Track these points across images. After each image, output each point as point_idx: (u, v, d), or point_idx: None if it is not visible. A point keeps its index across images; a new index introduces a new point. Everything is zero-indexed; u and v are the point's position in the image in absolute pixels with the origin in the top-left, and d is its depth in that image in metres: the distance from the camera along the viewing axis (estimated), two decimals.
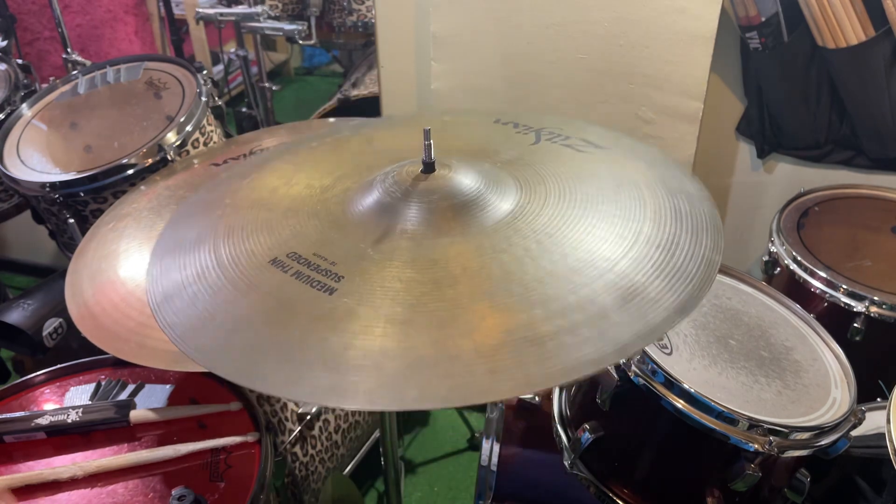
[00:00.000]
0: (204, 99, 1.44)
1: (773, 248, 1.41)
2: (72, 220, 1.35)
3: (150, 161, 1.34)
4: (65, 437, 1.00)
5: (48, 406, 1.07)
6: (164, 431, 1.01)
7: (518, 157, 0.87)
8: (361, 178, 0.84)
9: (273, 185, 0.87)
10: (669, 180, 0.81)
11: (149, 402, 1.06)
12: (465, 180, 0.78)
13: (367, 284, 0.67)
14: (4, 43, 1.92)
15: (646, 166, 0.84)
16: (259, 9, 2.20)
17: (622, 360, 0.91)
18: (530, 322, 0.62)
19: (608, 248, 0.69)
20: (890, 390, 0.96)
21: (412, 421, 1.91)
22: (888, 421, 0.89)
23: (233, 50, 2.48)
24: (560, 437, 1.07)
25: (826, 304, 1.29)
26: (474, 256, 0.69)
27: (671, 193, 0.78)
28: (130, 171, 1.32)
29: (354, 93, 2.28)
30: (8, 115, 1.52)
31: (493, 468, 1.14)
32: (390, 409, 0.59)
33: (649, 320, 0.62)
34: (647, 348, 0.91)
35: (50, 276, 1.54)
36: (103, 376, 1.12)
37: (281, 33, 2.24)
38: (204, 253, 0.77)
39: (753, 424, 0.85)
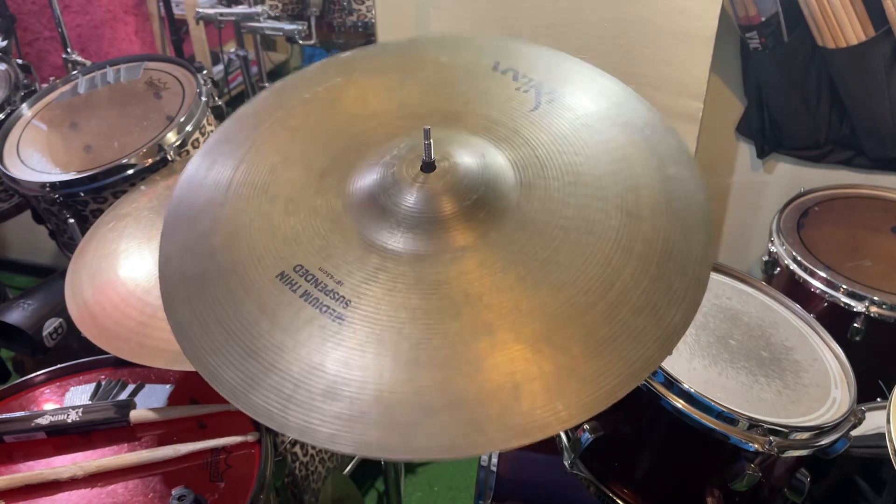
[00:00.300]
0: (204, 99, 1.44)
1: (773, 248, 1.41)
2: (72, 220, 1.35)
3: (150, 161, 1.33)
4: (65, 437, 1.00)
5: (48, 406, 1.07)
6: (164, 431, 1.01)
7: (516, 129, 0.84)
8: (360, 158, 0.82)
9: (271, 162, 0.85)
10: (664, 157, 0.79)
11: (149, 402, 1.06)
12: (466, 181, 0.77)
13: (374, 311, 0.67)
14: (4, 43, 1.92)
15: (644, 144, 0.81)
16: (259, 9, 2.20)
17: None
18: (528, 362, 0.62)
19: (604, 267, 0.69)
20: (890, 390, 0.96)
21: None
22: (888, 421, 0.89)
23: (233, 50, 2.47)
24: (560, 437, 1.07)
25: (826, 304, 1.29)
26: (475, 278, 0.69)
27: (666, 188, 0.77)
28: (130, 171, 1.32)
29: None
30: (8, 115, 1.52)
31: (493, 468, 1.14)
32: (401, 459, 0.61)
33: (641, 355, 0.62)
34: None
35: (50, 276, 1.54)
36: (103, 376, 1.12)
37: (281, 33, 2.23)
38: (210, 259, 0.76)
39: (753, 424, 0.85)
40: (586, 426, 0.99)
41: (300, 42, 2.28)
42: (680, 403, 0.87)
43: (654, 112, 0.87)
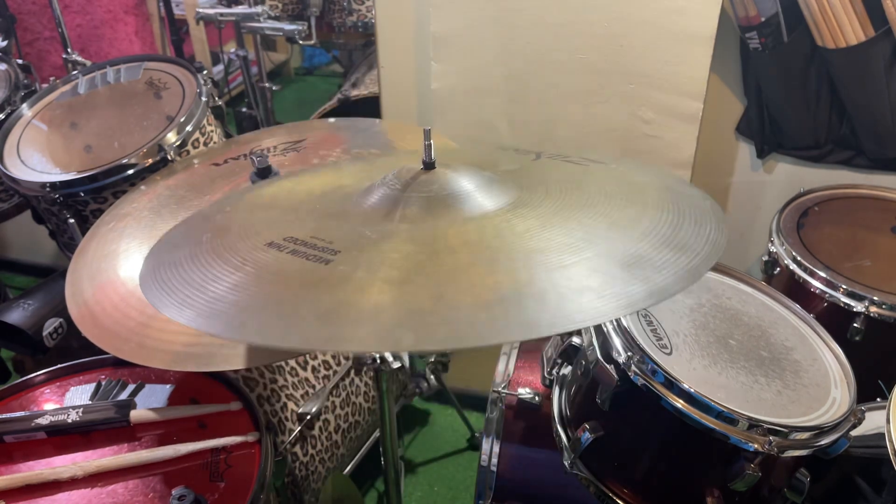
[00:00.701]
0: (204, 99, 1.44)
1: (772, 248, 1.41)
2: (72, 220, 1.35)
3: (150, 161, 1.34)
4: (65, 437, 1.00)
5: (48, 406, 1.07)
6: (164, 431, 1.01)
7: (518, 168, 0.88)
8: (363, 186, 0.84)
9: (273, 193, 0.87)
10: (672, 185, 0.82)
11: (149, 402, 1.06)
12: (467, 175, 0.78)
13: (363, 255, 0.66)
14: (4, 43, 1.93)
15: (644, 175, 0.84)
16: (259, 9, 2.20)
17: (622, 360, 0.91)
18: (532, 280, 0.61)
19: (610, 230, 0.69)
20: (890, 390, 0.96)
21: (412, 421, 1.91)
22: (888, 421, 0.90)
23: (233, 50, 2.48)
24: (560, 437, 1.07)
25: (826, 304, 1.29)
26: (474, 231, 0.69)
27: (672, 191, 0.79)
28: (130, 171, 1.32)
29: (354, 93, 2.28)
30: (8, 115, 1.52)
31: (493, 468, 1.14)
32: (386, 349, 0.58)
33: (652, 282, 0.62)
34: (647, 348, 0.91)
35: (50, 276, 1.54)
36: (103, 376, 1.12)
37: (281, 33, 2.24)
38: (200, 242, 0.76)
39: (753, 424, 0.85)
40: (586, 426, 0.99)
41: (300, 42, 2.28)
42: (680, 403, 0.87)
43: (652, 166, 0.92)
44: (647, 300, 0.60)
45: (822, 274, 1.29)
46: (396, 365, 0.93)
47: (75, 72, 1.60)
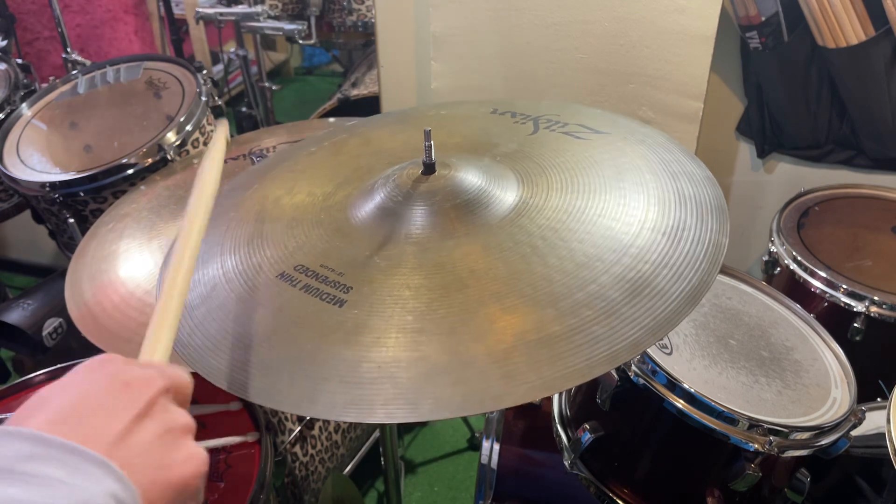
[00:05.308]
0: (204, 98, 1.44)
1: (773, 248, 1.41)
2: (71, 220, 1.35)
3: (149, 161, 1.33)
4: None
5: None
6: None
7: (517, 148, 0.86)
8: (362, 183, 0.84)
9: (275, 195, 0.87)
10: (671, 163, 0.81)
11: None
12: (466, 179, 0.78)
13: (375, 294, 0.67)
14: (4, 43, 1.92)
15: (646, 149, 0.83)
16: (259, 8, 2.20)
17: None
18: (541, 323, 0.61)
19: (613, 239, 0.69)
20: (890, 390, 0.96)
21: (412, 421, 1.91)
22: (888, 421, 0.89)
23: (233, 50, 2.48)
24: (560, 437, 1.07)
25: (826, 303, 1.28)
26: (481, 257, 0.69)
27: (674, 176, 0.78)
28: (130, 171, 1.32)
29: (354, 92, 2.28)
30: (8, 115, 1.52)
31: (493, 468, 1.14)
32: (408, 420, 0.59)
33: (659, 313, 0.62)
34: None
35: (50, 276, 1.54)
36: None
37: (281, 33, 2.24)
38: (211, 269, 0.77)
39: (753, 424, 0.85)
40: (586, 426, 0.99)
41: (300, 42, 2.28)
42: (680, 404, 0.87)
43: (650, 127, 0.89)
44: (653, 337, 0.60)
45: (823, 274, 1.29)
46: None
47: (75, 71, 1.60)
